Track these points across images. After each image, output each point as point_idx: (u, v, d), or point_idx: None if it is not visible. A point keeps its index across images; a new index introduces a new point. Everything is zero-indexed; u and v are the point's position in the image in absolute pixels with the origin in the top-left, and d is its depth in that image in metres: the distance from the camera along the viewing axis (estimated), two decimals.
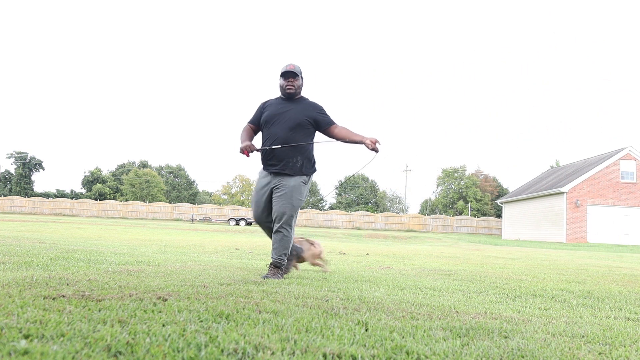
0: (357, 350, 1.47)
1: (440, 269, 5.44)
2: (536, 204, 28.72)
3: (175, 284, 2.65)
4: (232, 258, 6.20)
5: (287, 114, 3.66)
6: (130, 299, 2.04)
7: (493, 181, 55.16)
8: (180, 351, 1.34)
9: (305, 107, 3.71)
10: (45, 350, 1.24)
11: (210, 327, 1.64)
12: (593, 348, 1.75)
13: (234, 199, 54.42)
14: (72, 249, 5.19)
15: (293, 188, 3.58)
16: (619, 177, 25.61)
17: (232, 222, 32.68)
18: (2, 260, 3.41)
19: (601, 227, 25.02)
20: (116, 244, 7.79)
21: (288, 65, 3.72)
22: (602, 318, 2.43)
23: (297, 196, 3.59)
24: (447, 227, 38.60)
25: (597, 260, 9.09)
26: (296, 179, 3.61)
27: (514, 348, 1.64)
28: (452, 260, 7.58)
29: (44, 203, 40.01)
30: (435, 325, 1.94)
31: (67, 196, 51.74)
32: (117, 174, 57.46)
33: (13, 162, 55.12)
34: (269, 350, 1.41)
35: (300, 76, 3.74)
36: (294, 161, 3.60)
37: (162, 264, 4.13)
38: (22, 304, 1.79)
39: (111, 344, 1.34)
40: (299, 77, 3.72)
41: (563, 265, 6.66)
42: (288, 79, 3.69)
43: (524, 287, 3.71)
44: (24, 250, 4.42)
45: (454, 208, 53.60)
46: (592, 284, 4.13)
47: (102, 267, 3.45)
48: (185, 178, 60.48)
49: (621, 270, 5.95)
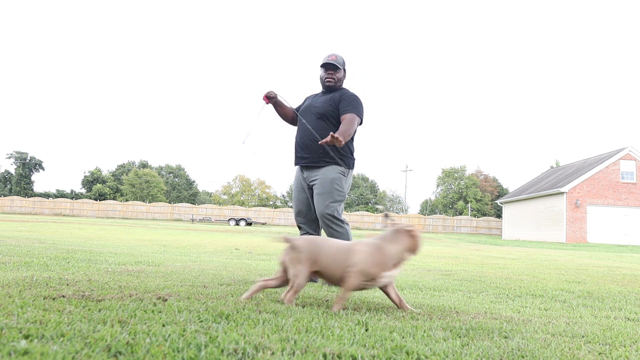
0: (357, 350, 1.47)
1: (440, 269, 5.44)
2: (536, 204, 28.72)
3: (175, 284, 2.65)
4: (232, 258, 6.19)
5: (316, 104, 3.52)
6: (130, 299, 2.04)
7: (493, 181, 55.18)
8: (180, 351, 1.34)
9: (336, 97, 3.49)
10: (45, 351, 1.24)
11: (210, 327, 1.64)
12: (593, 348, 1.75)
13: (234, 199, 54.40)
14: (72, 249, 5.19)
15: (332, 180, 3.35)
16: (619, 177, 25.61)
17: (232, 222, 32.67)
18: (2, 260, 3.41)
19: (601, 227, 25.02)
20: (116, 244, 7.79)
21: (329, 56, 3.51)
22: (602, 318, 2.43)
23: (337, 188, 3.35)
24: (447, 227, 38.60)
25: (597, 260, 9.09)
26: (332, 169, 3.38)
27: (514, 348, 1.64)
28: (452, 260, 7.58)
29: (44, 203, 40.00)
30: (435, 325, 1.94)
31: (67, 196, 51.76)
32: (117, 174, 57.49)
33: (13, 162, 55.17)
34: (269, 350, 1.41)
35: (342, 68, 3.53)
36: (324, 151, 3.36)
37: (162, 264, 4.12)
38: (22, 304, 1.79)
39: (111, 344, 1.34)
40: (340, 70, 3.51)
41: (563, 266, 6.66)
42: (328, 71, 3.50)
43: (524, 287, 3.70)
44: (24, 250, 4.42)
45: (454, 208, 53.60)
46: (592, 284, 4.13)
47: (102, 267, 3.45)
48: (185, 178, 60.47)
49: (621, 270, 5.95)
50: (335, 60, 3.48)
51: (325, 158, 3.39)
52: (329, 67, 3.48)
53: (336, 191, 3.36)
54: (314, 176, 3.43)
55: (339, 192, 3.37)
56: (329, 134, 3.19)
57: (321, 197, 3.35)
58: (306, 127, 3.43)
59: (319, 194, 3.37)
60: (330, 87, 3.52)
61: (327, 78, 3.50)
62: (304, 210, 3.56)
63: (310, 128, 3.41)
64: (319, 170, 3.42)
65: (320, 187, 3.37)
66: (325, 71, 3.50)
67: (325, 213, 3.33)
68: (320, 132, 3.36)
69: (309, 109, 3.53)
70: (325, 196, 3.33)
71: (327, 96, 3.52)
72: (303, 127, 3.49)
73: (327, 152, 3.35)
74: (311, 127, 3.40)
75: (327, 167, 3.39)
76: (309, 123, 3.43)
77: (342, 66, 3.52)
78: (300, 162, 3.51)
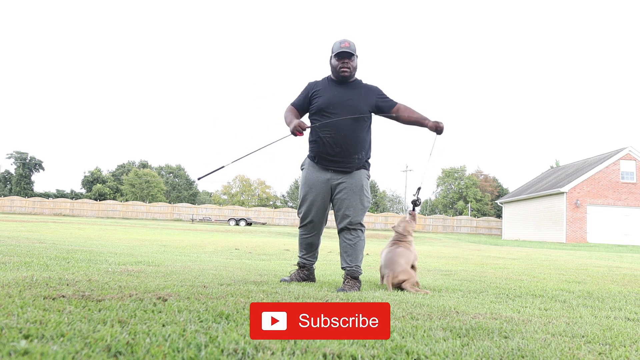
0: (357, 350, 1.47)
1: (440, 269, 5.44)
2: (536, 204, 28.72)
3: (175, 284, 2.65)
4: (232, 258, 6.19)
5: (350, 102, 3.18)
6: (130, 299, 2.04)
7: (493, 181, 55.17)
8: (180, 351, 1.34)
9: (367, 94, 3.24)
10: (45, 351, 1.24)
11: (210, 327, 1.64)
12: (593, 348, 1.75)
13: (234, 199, 54.39)
14: (72, 249, 5.19)
15: (362, 187, 3.18)
16: (619, 177, 25.60)
17: (232, 222, 32.66)
18: (2, 260, 3.41)
19: (601, 227, 25.02)
20: (116, 244, 7.78)
21: (342, 42, 3.16)
22: (602, 318, 2.43)
23: (366, 194, 3.21)
24: (447, 227, 38.60)
25: (597, 260, 9.09)
26: (361, 174, 3.20)
27: (514, 348, 1.64)
28: (452, 260, 7.58)
29: (44, 203, 40.00)
30: (435, 325, 1.93)
31: (67, 196, 51.75)
32: (117, 174, 57.47)
33: (13, 162, 55.15)
34: (269, 351, 1.41)
35: (355, 55, 3.20)
36: (359, 157, 3.18)
37: (162, 264, 4.12)
38: (22, 304, 1.79)
39: (111, 344, 1.34)
40: (354, 57, 3.19)
41: (563, 266, 6.66)
42: (343, 60, 3.15)
43: (524, 287, 3.70)
44: (24, 250, 4.42)
45: (454, 208, 53.60)
46: (592, 284, 4.13)
47: (102, 267, 3.45)
48: (185, 178, 60.47)
49: (621, 270, 5.95)
50: (349, 47, 3.15)
51: (359, 164, 3.21)
52: (344, 55, 3.14)
53: (366, 198, 3.22)
54: (342, 179, 3.19)
55: (368, 199, 3.24)
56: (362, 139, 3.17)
57: (351, 204, 3.17)
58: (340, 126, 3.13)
59: (348, 199, 3.17)
60: (346, 78, 3.21)
61: (342, 68, 3.16)
62: (319, 213, 3.27)
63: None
64: (349, 174, 3.19)
65: (349, 193, 3.17)
66: (340, 60, 3.15)
67: (355, 221, 3.18)
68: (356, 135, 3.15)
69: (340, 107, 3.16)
70: (356, 204, 3.17)
71: (357, 92, 3.23)
72: (336, 126, 3.13)
73: (360, 158, 3.20)
74: (349, 128, 3.13)
75: (357, 171, 3.20)
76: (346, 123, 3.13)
77: (355, 53, 3.20)
78: (333, 167, 3.19)
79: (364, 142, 3.21)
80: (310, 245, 3.38)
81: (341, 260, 3.24)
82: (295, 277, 3.36)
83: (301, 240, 3.41)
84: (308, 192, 3.25)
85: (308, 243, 3.38)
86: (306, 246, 3.39)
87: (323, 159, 3.20)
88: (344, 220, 3.19)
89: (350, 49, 3.15)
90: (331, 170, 3.20)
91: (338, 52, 3.15)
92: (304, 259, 3.41)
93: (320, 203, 3.24)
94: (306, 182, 3.27)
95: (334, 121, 3.14)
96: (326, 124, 3.15)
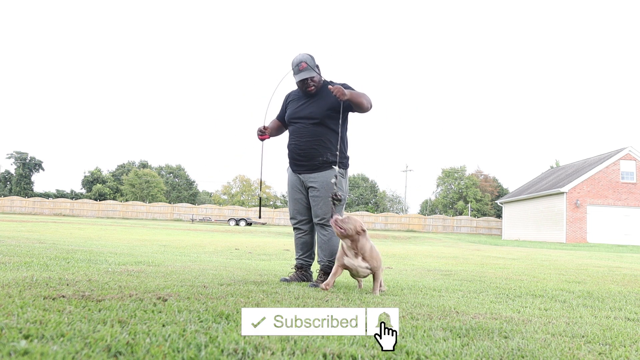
0: (357, 350, 1.47)
1: (440, 269, 5.44)
2: (536, 204, 28.72)
3: (175, 284, 2.65)
4: (232, 258, 6.19)
5: (307, 109, 3.33)
6: (130, 299, 2.04)
7: (493, 181, 55.17)
8: (180, 351, 1.34)
9: (327, 96, 3.30)
10: (45, 351, 1.24)
11: (210, 327, 1.64)
12: (593, 348, 1.75)
13: (234, 199, 54.39)
14: (72, 249, 5.19)
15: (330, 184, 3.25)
16: (619, 177, 25.60)
17: (232, 223, 32.66)
18: (2, 260, 3.41)
19: (601, 227, 25.01)
20: (116, 244, 7.78)
21: (299, 64, 3.25)
22: (602, 318, 2.43)
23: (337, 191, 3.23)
24: (447, 227, 38.60)
25: (597, 260, 9.09)
26: (331, 173, 3.29)
27: (514, 348, 1.64)
28: (452, 260, 7.58)
29: (44, 203, 40.00)
30: (435, 326, 1.93)
31: (67, 196, 51.74)
32: (117, 174, 57.47)
33: (13, 162, 55.15)
34: (269, 351, 1.41)
35: (315, 71, 3.26)
36: (324, 158, 3.29)
37: (162, 264, 4.12)
38: (22, 304, 1.79)
39: (111, 344, 1.34)
40: (314, 73, 3.26)
41: (563, 266, 6.66)
42: (305, 83, 3.29)
43: (524, 287, 3.70)
44: (24, 250, 4.42)
45: (454, 208, 53.59)
46: (592, 284, 4.13)
47: (102, 268, 3.45)
48: (185, 178, 60.48)
49: (621, 270, 5.95)
50: (307, 68, 3.23)
51: (324, 164, 3.30)
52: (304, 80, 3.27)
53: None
54: (312, 179, 3.33)
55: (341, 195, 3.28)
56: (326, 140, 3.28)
57: (322, 201, 3.28)
58: (302, 133, 3.32)
59: (319, 197, 3.29)
60: (313, 93, 3.33)
61: (307, 88, 3.30)
62: (302, 211, 3.45)
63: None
64: (319, 173, 3.32)
65: (319, 191, 3.29)
66: (303, 83, 3.29)
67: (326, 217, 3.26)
68: (317, 139, 3.28)
69: (299, 115, 3.35)
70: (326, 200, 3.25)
71: (317, 98, 3.33)
72: (298, 133, 3.35)
73: (326, 159, 3.29)
74: (308, 134, 3.29)
75: (326, 171, 3.30)
76: (304, 130, 3.31)
77: (315, 68, 3.27)
78: (299, 170, 3.38)
79: (329, 143, 3.33)
80: (305, 245, 3.51)
81: (318, 256, 3.42)
82: (294, 278, 3.42)
83: (296, 241, 3.56)
84: (289, 192, 3.52)
85: (302, 242, 3.51)
86: (301, 246, 3.52)
87: (293, 163, 3.45)
88: (316, 218, 3.37)
89: (308, 70, 3.23)
90: (301, 173, 3.41)
91: (298, 80, 3.28)
92: (301, 260, 3.51)
93: (300, 202, 3.46)
94: (288, 184, 3.55)
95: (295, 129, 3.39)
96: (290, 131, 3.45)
